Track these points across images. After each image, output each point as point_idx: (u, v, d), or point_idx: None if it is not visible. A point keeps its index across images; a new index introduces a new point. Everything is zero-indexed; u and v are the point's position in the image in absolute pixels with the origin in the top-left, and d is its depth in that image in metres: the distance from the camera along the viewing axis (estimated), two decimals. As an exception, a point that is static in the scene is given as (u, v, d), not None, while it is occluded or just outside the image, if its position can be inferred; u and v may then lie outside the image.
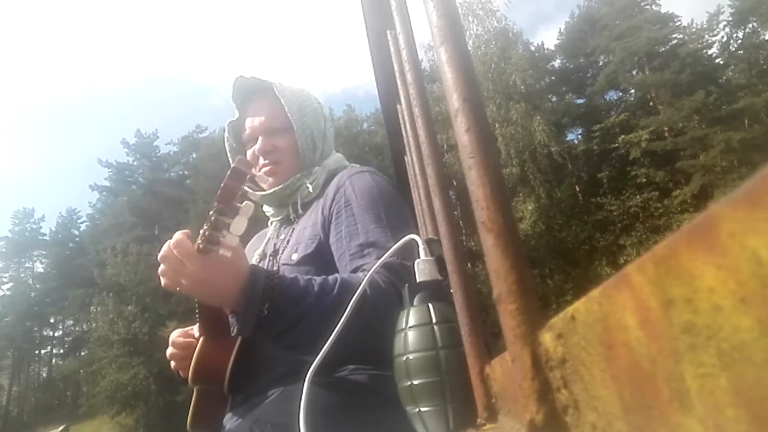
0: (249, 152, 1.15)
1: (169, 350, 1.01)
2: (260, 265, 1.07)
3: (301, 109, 1.12)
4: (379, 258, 0.84)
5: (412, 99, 0.65)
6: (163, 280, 0.78)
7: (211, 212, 0.68)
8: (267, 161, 1.12)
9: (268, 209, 1.19)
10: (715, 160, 17.62)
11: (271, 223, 1.20)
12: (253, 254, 1.14)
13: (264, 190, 1.14)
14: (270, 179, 1.12)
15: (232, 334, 0.76)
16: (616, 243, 18.18)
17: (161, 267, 0.77)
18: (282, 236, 1.11)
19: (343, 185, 1.03)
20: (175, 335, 1.03)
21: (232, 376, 0.88)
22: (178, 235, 0.76)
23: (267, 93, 1.13)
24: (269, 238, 1.16)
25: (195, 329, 1.00)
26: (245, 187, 1.10)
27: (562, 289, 17.11)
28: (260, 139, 1.12)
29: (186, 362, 0.96)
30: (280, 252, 1.05)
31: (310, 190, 1.09)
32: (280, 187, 1.10)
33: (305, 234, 1.01)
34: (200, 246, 0.71)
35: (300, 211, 1.09)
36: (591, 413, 0.22)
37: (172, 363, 1.01)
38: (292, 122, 1.10)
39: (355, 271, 0.88)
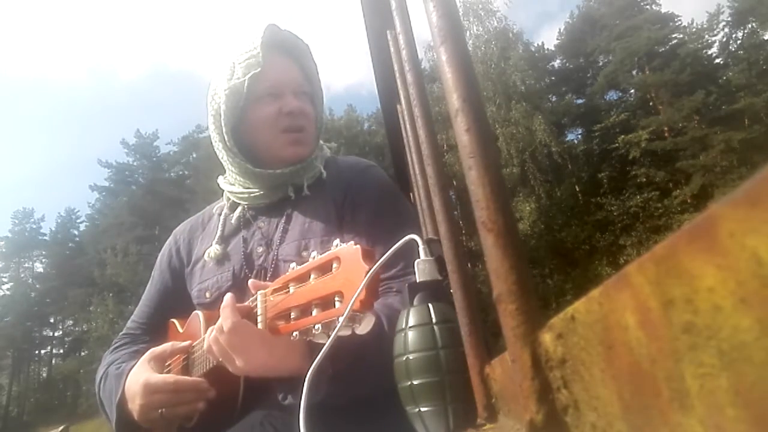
0: (268, 109, 0.95)
1: (162, 397, 0.79)
2: (230, 262, 0.95)
3: (320, 81, 1.03)
4: (406, 272, 0.80)
5: (412, 99, 0.65)
6: (212, 347, 0.70)
7: (338, 318, 0.56)
8: (294, 124, 0.95)
9: (240, 190, 0.99)
10: (715, 160, 17.65)
11: (231, 207, 1.02)
12: (206, 251, 0.98)
13: (266, 163, 0.96)
14: (295, 148, 0.96)
15: (287, 402, 0.70)
16: (616, 243, 18.18)
17: (212, 335, 0.70)
18: (263, 225, 0.96)
19: (354, 184, 0.95)
20: (160, 379, 0.80)
21: (243, 398, 0.82)
22: (232, 321, 0.67)
23: (298, 52, 1.00)
24: (232, 229, 1.00)
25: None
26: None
27: (562, 289, 17.12)
28: (290, 96, 0.96)
29: (189, 406, 0.80)
30: (277, 243, 0.92)
31: (323, 173, 0.97)
32: (297, 167, 0.95)
33: (315, 228, 0.89)
34: (296, 337, 0.62)
35: (307, 192, 0.95)
36: (591, 413, 0.22)
37: (162, 410, 0.80)
38: (320, 90, 1.01)
39: (380, 282, 0.81)
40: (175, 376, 0.82)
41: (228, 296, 0.71)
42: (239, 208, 1.00)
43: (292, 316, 0.63)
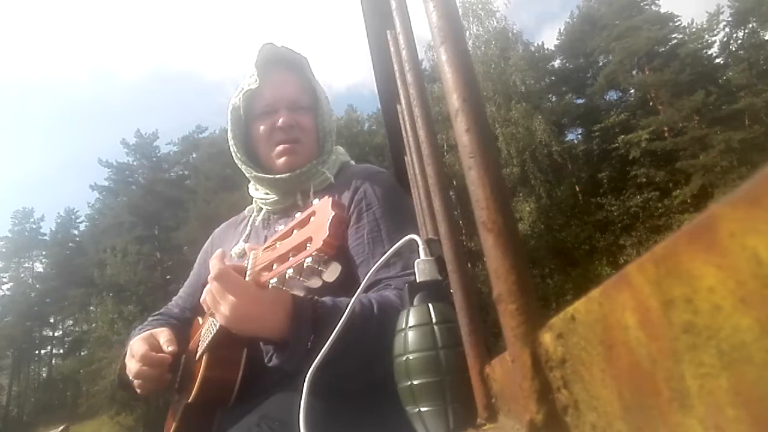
0: (263, 126, 1.04)
1: (138, 366, 0.88)
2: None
3: (322, 92, 1.07)
4: (405, 269, 0.84)
5: (412, 99, 0.64)
6: (206, 297, 0.75)
7: (306, 259, 0.61)
8: (287, 137, 1.02)
9: (262, 195, 1.09)
10: (715, 160, 17.63)
11: (258, 210, 1.11)
12: (232, 249, 1.06)
13: (272, 172, 1.04)
14: (286, 158, 1.03)
15: (271, 364, 0.73)
16: (616, 243, 18.17)
17: (206, 288, 0.75)
18: (280, 228, 1.03)
19: (362, 186, 0.98)
20: (144, 349, 0.89)
21: (239, 391, 0.84)
22: (218, 268, 0.71)
23: (295, 67, 1.06)
24: (256, 229, 1.08)
25: (162, 340, 0.92)
26: (250, 172, 1.07)
27: (562, 289, 17.11)
28: (283, 111, 1.03)
29: (155, 383, 0.89)
30: None
31: (331, 179, 1.03)
32: (296, 172, 1.02)
33: None
34: (273, 284, 0.66)
35: (312, 199, 1.04)
36: (591, 413, 0.22)
37: (137, 381, 0.89)
38: (320, 101, 1.04)
39: (378, 282, 0.85)
40: (149, 352, 0.89)
41: (218, 250, 0.76)
42: (263, 211, 1.09)
43: (273, 267, 0.67)
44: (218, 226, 1.26)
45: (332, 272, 0.62)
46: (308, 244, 0.61)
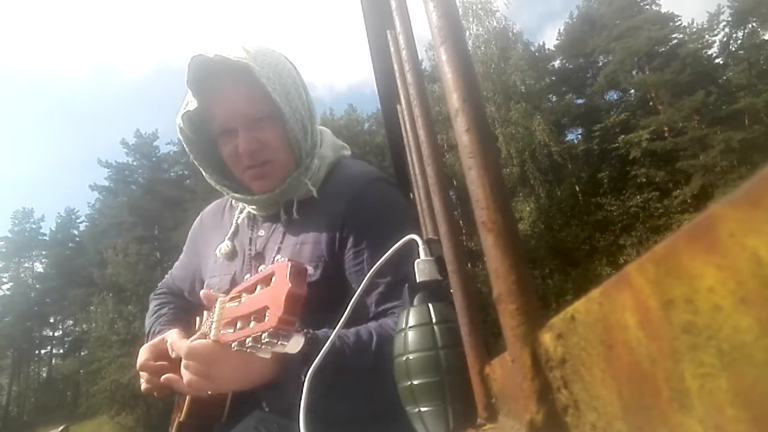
0: (226, 150, 0.92)
1: (145, 376, 0.88)
2: (235, 263, 0.98)
3: (284, 87, 0.89)
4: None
5: (412, 99, 0.64)
6: (189, 384, 0.71)
7: (262, 333, 0.57)
8: (253, 162, 0.91)
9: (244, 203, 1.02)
10: (715, 160, 17.64)
11: (243, 209, 1.03)
12: (217, 245, 1.00)
13: (251, 193, 0.96)
14: (258, 183, 0.93)
15: (267, 409, 0.72)
16: (616, 243, 18.18)
17: (183, 370, 0.71)
18: (263, 233, 0.97)
19: (357, 202, 0.90)
20: (144, 357, 0.88)
21: (231, 407, 0.83)
22: (186, 348, 0.69)
23: (238, 75, 0.87)
24: (240, 230, 1.01)
25: (169, 341, 0.86)
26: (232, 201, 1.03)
27: (562, 289, 17.11)
28: (241, 132, 0.89)
29: (163, 387, 0.86)
30: (267, 259, 0.93)
31: (314, 192, 0.93)
32: (275, 191, 0.92)
33: (305, 251, 0.88)
34: (234, 347, 0.64)
35: (295, 216, 0.93)
36: (591, 413, 0.22)
37: (144, 385, 0.88)
38: (281, 107, 0.87)
39: (383, 312, 0.82)
40: (147, 362, 0.88)
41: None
42: (247, 210, 1.02)
43: (237, 326, 0.64)
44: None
45: (294, 345, 0.61)
46: (267, 314, 0.58)
